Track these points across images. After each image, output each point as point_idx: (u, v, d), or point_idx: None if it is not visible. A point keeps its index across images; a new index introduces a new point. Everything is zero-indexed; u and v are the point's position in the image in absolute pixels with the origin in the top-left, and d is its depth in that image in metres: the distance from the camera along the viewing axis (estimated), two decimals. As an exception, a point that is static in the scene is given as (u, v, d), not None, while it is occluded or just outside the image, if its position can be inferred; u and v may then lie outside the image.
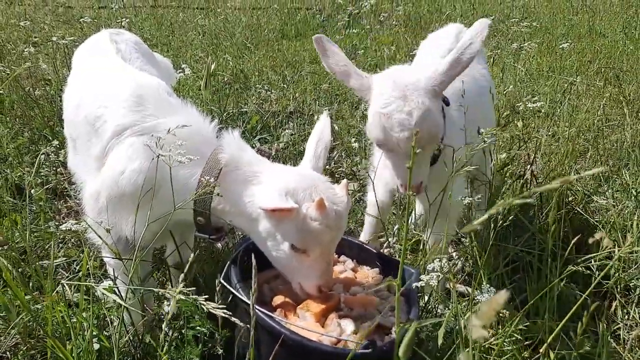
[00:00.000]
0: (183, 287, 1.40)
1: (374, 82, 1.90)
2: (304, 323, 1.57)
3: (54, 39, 4.36)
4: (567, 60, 5.24)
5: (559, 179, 0.87)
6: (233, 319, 1.41)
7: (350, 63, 1.94)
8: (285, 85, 4.67)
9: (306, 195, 1.59)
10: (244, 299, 1.55)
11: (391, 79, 1.85)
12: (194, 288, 1.46)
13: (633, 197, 2.77)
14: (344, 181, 1.69)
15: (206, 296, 1.42)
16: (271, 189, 1.60)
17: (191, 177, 1.68)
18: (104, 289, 1.62)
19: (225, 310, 1.38)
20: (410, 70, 1.98)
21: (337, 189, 1.66)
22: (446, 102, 1.98)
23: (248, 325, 1.29)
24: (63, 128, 2.35)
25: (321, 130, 1.86)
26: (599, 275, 1.46)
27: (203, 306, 1.41)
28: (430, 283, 1.55)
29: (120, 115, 1.77)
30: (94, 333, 1.65)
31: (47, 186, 2.90)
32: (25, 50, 4.29)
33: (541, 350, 1.51)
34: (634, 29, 6.36)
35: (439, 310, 2.01)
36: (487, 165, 2.38)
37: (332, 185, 1.68)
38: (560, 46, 5.01)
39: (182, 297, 1.37)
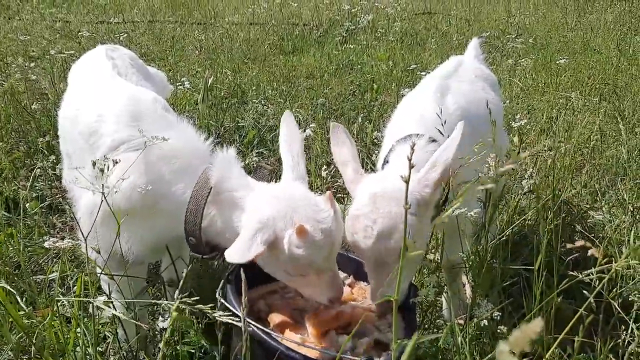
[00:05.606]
0: (182, 299, 1.37)
1: (363, 182, 1.78)
2: (300, 338, 1.55)
3: (52, 52, 4.36)
4: (562, 76, 5.27)
5: (528, 151, 0.88)
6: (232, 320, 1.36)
7: (357, 158, 1.85)
8: (282, 100, 4.68)
9: (287, 221, 1.50)
10: (238, 312, 1.53)
11: (375, 184, 1.73)
12: (197, 298, 1.43)
13: (629, 213, 2.77)
14: (328, 193, 1.59)
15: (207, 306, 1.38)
16: (241, 236, 1.49)
17: (183, 194, 1.66)
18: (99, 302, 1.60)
19: (231, 318, 1.34)
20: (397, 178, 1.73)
21: (320, 204, 1.57)
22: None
23: (243, 341, 1.27)
24: (59, 143, 2.34)
25: (289, 131, 1.77)
26: (595, 289, 1.46)
27: (206, 316, 1.36)
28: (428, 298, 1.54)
29: (115, 130, 1.77)
30: (88, 349, 1.63)
31: (43, 204, 2.88)
32: (17, 63, 4.28)
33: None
34: (627, 46, 6.41)
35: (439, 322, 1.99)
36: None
37: (316, 199, 1.58)
38: (557, 62, 5.03)
39: (184, 306, 1.34)
